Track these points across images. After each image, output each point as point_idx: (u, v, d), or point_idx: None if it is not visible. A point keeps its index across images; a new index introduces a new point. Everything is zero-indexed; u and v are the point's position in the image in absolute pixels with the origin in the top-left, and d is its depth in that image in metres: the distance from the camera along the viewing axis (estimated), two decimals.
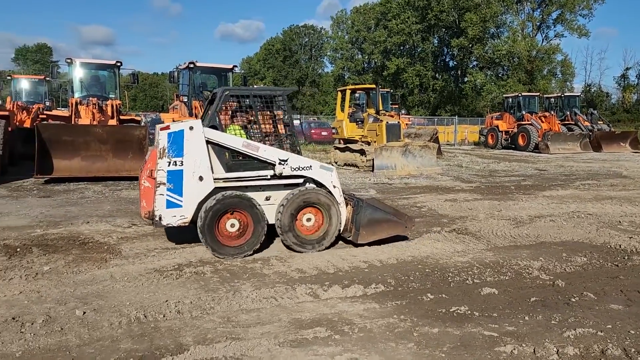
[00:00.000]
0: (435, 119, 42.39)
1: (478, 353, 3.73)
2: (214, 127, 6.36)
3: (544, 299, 4.87)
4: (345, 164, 17.16)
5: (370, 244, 6.57)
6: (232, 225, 6.15)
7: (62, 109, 20.03)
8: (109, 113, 14.74)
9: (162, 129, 6.05)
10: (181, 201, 6.01)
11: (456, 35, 52.95)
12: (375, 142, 16.37)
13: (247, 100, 6.82)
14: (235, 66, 16.87)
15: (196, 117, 15.06)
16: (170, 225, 6.06)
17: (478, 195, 11.34)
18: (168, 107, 21.57)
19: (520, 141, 27.53)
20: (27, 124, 17.83)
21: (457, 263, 6.05)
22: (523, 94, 31.33)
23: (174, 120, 15.15)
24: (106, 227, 7.62)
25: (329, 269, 5.75)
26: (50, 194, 10.77)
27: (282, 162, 6.40)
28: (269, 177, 6.40)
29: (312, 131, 32.38)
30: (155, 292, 4.89)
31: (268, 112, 6.93)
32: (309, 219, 6.52)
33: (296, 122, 35.84)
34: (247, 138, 6.63)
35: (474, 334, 4.05)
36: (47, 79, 22.48)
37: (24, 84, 22.90)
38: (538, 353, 3.73)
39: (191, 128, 6.04)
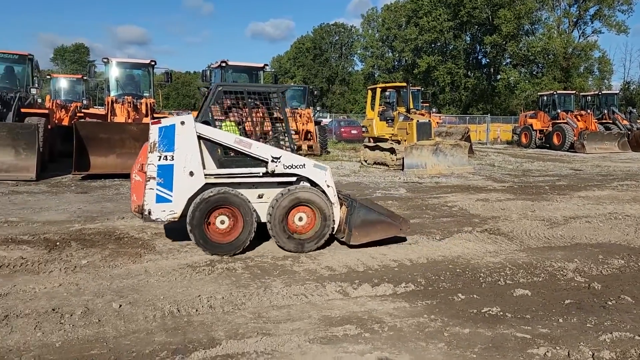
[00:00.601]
0: (467, 118, 41.78)
1: (510, 355, 3.68)
2: (206, 122, 6.33)
3: (579, 301, 4.77)
4: (374, 163, 17.10)
5: (365, 246, 6.39)
6: (222, 222, 6.08)
7: (99, 107, 20.55)
8: (143, 111, 15.05)
9: (153, 123, 6.06)
10: (171, 196, 5.99)
11: (489, 32, 52.10)
12: (405, 140, 16.26)
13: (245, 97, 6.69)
14: (266, 65, 17.03)
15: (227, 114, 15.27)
16: (159, 220, 6.06)
17: (511, 195, 11.15)
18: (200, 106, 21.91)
19: (555, 140, 26.90)
20: (66, 122, 18.36)
21: (489, 263, 5.97)
22: (558, 91, 30.60)
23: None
24: (140, 223, 7.78)
25: (359, 267, 5.75)
26: (87, 190, 11.08)
27: (275, 160, 6.31)
28: (261, 174, 6.31)
29: (342, 129, 32.39)
30: (188, 287, 4.99)
31: (266, 110, 6.84)
32: (300, 218, 6.37)
33: (326, 121, 35.93)
34: (241, 135, 6.57)
35: (506, 336, 4.00)
36: (85, 78, 23.09)
37: (63, 83, 23.59)
38: (572, 356, 3.66)
39: (182, 123, 6.02)
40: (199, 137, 6.08)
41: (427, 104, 29.05)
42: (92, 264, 5.66)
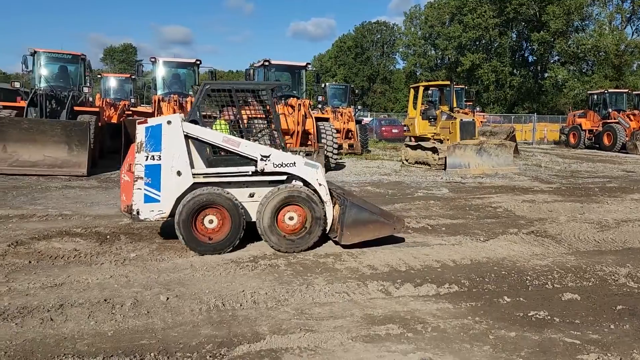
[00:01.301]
0: (512, 117, 40.80)
1: None
2: (194, 121, 6.28)
3: (632, 307, 4.59)
4: (416, 162, 16.91)
5: (359, 245, 6.28)
6: (211, 222, 6.03)
7: (146, 105, 21.16)
8: (188, 109, 15.38)
9: (139, 123, 6.03)
10: (159, 196, 5.97)
11: (537, 29, 50.60)
12: (448, 140, 16.02)
13: (240, 95, 6.67)
14: (309, 63, 17.09)
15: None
16: (147, 219, 6.06)
17: (558, 197, 10.83)
18: None
19: (606, 141, 25.92)
20: (115, 120, 18.98)
21: (536, 266, 5.82)
22: (610, 90, 29.41)
23: (248, 118, 15.60)
24: None
25: (401, 267, 5.72)
26: None
27: (264, 158, 6.21)
28: (250, 173, 6.24)
29: (383, 129, 32.22)
30: (232, 282, 5.08)
31: (259, 107, 6.76)
32: (291, 218, 6.25)
33: (367, 119, 35.80)
34: (234, 133, 6.51)
35: (554, 340, 3.90)
36: (133, 77, 23.82)
37: (112, 82, 24.40)
38: None
39: (169, 122, 6.00)
40: (187, 137, 6.06)
41: (471, 103, 28.55)
42: (141, 257, 5.84)
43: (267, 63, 16.14)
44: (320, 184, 6.40)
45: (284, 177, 6.33)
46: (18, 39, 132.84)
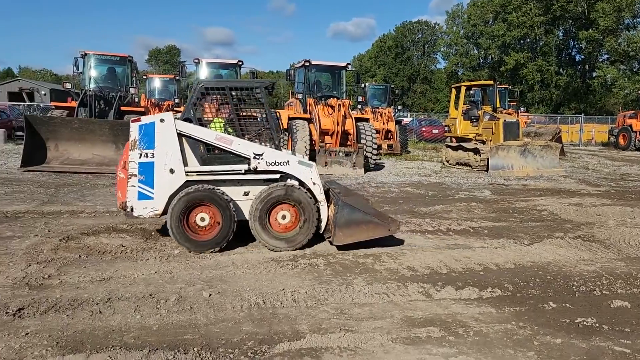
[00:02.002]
0: (558, 117, 39.63)
1: None
2: (188, 120, 6.30)
3: None
4: (457, 163, 16.66)
5: (352, 246, 6.19)
6: (202, 219, 6.04)
7: None
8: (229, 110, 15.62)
9: (133, 121, 6.07)
10: (152, 193, 6.03)
11: (585, 27, 49.00)
12: (491, 140, 15.72)
13: (235, 93, 6.64)
14: (349, 64, 17.08)
15: (310, 114, 15.51)
16: (141, 216, 6.10)
17: (607, 200, 10.45)
18: (283, 104, 22.41)
19: None
20: None
21: (583, 272, 5.64)
22: None
23: (289, 117, 15.73)
24: None
25: (442, 269, 5.65)
26: None
27: (257, 157, 6.16)
28: (243, 171, 6.21)
29: (423, 129, 31.90)
30: (273, 280, 5.14)
31: (254, 106, 6.68)
32: (284, 216, 6.23)
33: (406, 120, 35.48)
34: (224, 131, 6.49)
35: (602, 349, 3.77)
36: (177, 78, 24.39)
37: (157, 82, 25.06)
38: None
39: (162, 120, 6.03)
40: (180, 135, 6.09)
41: (515, 103, 27.87)
42: (184, 254, 5.98)
43: (307, 63, 16.23)
44: (314, 183, 6.35)
45: (277, 176, 6.29)
46: (68, 41, 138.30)
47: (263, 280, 5.13)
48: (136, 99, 17.83)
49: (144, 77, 26.91)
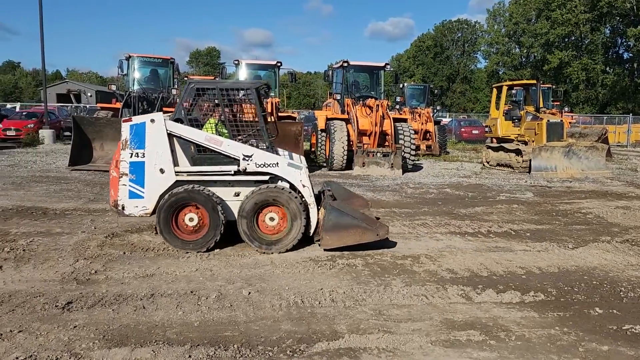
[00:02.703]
0: (605, 118, 38.24)
1: None
2: (179, 120, 6.29)
3: None
4: (497, 164, 16.31)
5: (341, 250, 6.11)
6: (191, 220, 6.08)
7: None
8: (269, 110, 15.77)
9: (124, 121, 6.15)
10: (143, 192, 6.09)
11: (633, 24, 47.11)
12: (533, 141, 15.32)
13: (232, 94, 6.63)
14: (387, 64, 16.95)
15: (348, 114, 15.49)
16: (132, 215, 6.16)
17: None
18: (320, 105, 22.48)
19: None
20: None
21: (631, 277, 5.44)
22: None
23: (327, 118, 15.76)
24: None
25: (482, 272, 5.55)
26: None
27: (247, 158, 6.14)
28: (232, 172, 6.19)
29: (462, 129, 31.35)
30: (311, 280, 5.16)
31: (250, 106, 6.65)
32: (272, 218, 6.19)
33: (445, 120, 34.96)
34: (216, 132, 6.47)
35: None
36: (217, 79, 24.78)
37: None
38: None
39: (152, 121, 6.07)
40: (170, 135, 6.12)
41: (558, 103, 27.08)
42: (224, 252, 6.07)
43: (345, 64, 16.21)
44: (304, 186, 6.29)
45: (266, 177, 6.27)
46: (113, 45, 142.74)
47: (301, 280, 5.16)
48: (177, 100, 18.22)
49: (185, 78, 27.46)
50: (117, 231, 6.87)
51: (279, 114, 16.31)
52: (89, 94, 49.40)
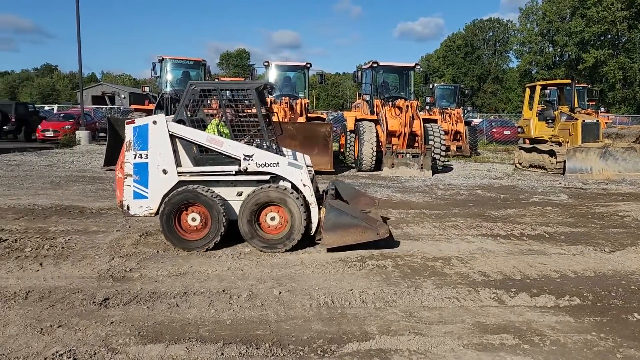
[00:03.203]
0: None
1: None
2: (181, 121, 6.34)
3: None
4: (530, 166, 16.00)
5: (341, 249, 6.10)
6: (194, 219, 6.14)
7: None
8: (298, 111, 15.86)
9: (128, 123, 6.25)
10: (147, 193, 6.18)
11: None
12: (567, 142, 14.97)
13: (235, 94, 6.73)
14: (417, 64, 16.83)
15: (377, 115, 15.44)
16: (137, 215, 6.26)
17: None
18: (349, 106, 22.45)
19: None
20: None
21: None
22: None
23: (356, 119, 15.74)
24: None
25: (515, 275, 5.46)
26: None
27: (247, 158, 6.16)
28: (234, 172, 6.22)
29: (493, 130, 30.83)
30: (341, 281, 5.17)
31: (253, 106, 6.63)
32: (272, 218, 6.22)
33: (476, 121, 34.47)
34: (217, 132, 6.54)
35: None
36: (247, 80, 25.03)
37: None
38: None
39: (155, 122, 6.14)
40: (172, 136, 6.18)
41: (594, 103, 26.38)
42: (254, 252, 6.13)
43: (375, 64, 16.16)
44: (304, 185, 6.29)
45: (267, 177, 6.30)
46: (145, 48, 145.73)
47: (331, 280, 5.17)
48: (209, 102, 18.47)
49: (216, 79, 27.84)
50: (150, 230, 7.02)
51: (308, 115, 16.37)
52: (122, 96, 50.51)
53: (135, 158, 6.19)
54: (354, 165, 15.72)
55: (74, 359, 3.47)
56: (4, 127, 22.16)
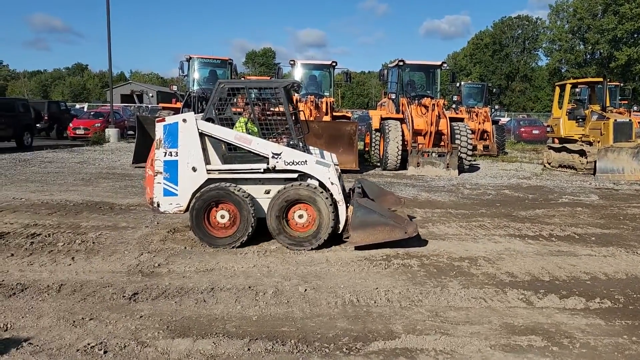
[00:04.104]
0: None
1: None
2: (210, 119, 6.38)
3: None
4: (560, 166, 15.69)
5: (368, 247, 6.09)
6: (222, 217, 6.19)
7: None
8: (324, 109, 15.87)
9: (158, 121, 6.31)
10: (177, 190, 6.22)
11: None
12: (599, 142, 14.64)
13: (263, 93, 6.82)
14: (444, 62, 16.67)
15: (403, 114, 15.35)
16: (167, 212, 6.32)
17: None
18: (374, 104, 22.36)
19: None
20: None
21: None
22: None
23: (381, 117, 15.67)
24: None
25: (544, 276, 5.37)
26: None
27: (275, 156, 6.20)
28: (262, 170, 6.24)
29: (522, 129, 30.37)
30: (366, 279, 5.17)
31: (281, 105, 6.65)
32: (300, 216, 6.25)
33: (504, 120, 33.98)
34: (245, 130, 6.63)
35: None
36: (272, 79, 25.17)
37: None
38: None
39: (184, 120, 6.17)
40: (201, 134, 6.22)
41: (627, 102, 25.73)
42: (280, 249, 6.17)
43: (401, 63, 16.07)
44: (332, 183, 6.29)
45: (295, 175, 6.31)
46: (172, 47, 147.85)
47: (356, 279, 5.18)
48: (235, 100, 18.65)
49: (242, 78, 28.05)
50: (178, 226, 7.13)
51: (334, 113, 16.36)
52: (150, 95, 51.38)
53: (165, 156, 6.25)
54: (379, 164, 15.66)
55: (105, 351, 3.56)
56: (37, 125, 22.76)
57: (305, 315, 4.27)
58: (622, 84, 31.10)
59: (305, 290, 4.82)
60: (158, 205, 6.33)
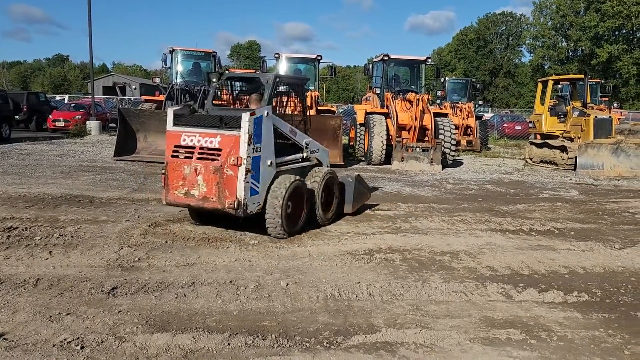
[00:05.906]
0: None
1: None
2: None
3: None
4: (541, 161, 15.88)
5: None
6: (288, 207, 6.27)
7: None
8: (309, 103, 15.78)
9: (251, 114, 5.80)
10: (258, 187, 5.98)
11: None
12: (579, 138, 14.84)
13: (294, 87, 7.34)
14: (429, 57, 16.72)
15: (387, 108, 15.37)
16: (251, 212, 5.97)
17: None
18: (359, 99, 22.37)
19: None
20: None
21: None
22: None
23: (366, 112, 15.66)
24: None
25: (523, 270, 5.43)
26: None
27: (307, 146, 6.82)
28: (300, 160, 6.69)
29: (505, 125, 30.63)
30: (348, 273, 5.17)
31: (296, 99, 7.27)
32: (325, 198, 7.00)
33: (487, 115, 34.23)
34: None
35: None
36: (257, 72, 25.02)
37: None
38: None
39: (267, 114, 6.03)
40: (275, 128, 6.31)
41: (607, 99, 26.10)
42: (262, 244, 6.14)
43: (386, 57, 16.07)
44: (328, 167, 7.07)
45: (314, 162, 6.90)
46: (156, 39, 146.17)
47: (338, 273, 5.18)
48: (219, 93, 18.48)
49: (227, 71, 27.83)
50: (159, 220, 7.05)
51: (319, 107, 16.33)
52: (133, 87, 50.74)
53: (253, 152, 5.86)
54: (363, 158, 15.68)
55: (82, 347, 3.50)
56: (16, 117, 22.31)
57: (286, 309, 4.26)
58: (603, 81, 31.50)
59: (287, 284, 4.80)
60: (246, 206, 5.86)
